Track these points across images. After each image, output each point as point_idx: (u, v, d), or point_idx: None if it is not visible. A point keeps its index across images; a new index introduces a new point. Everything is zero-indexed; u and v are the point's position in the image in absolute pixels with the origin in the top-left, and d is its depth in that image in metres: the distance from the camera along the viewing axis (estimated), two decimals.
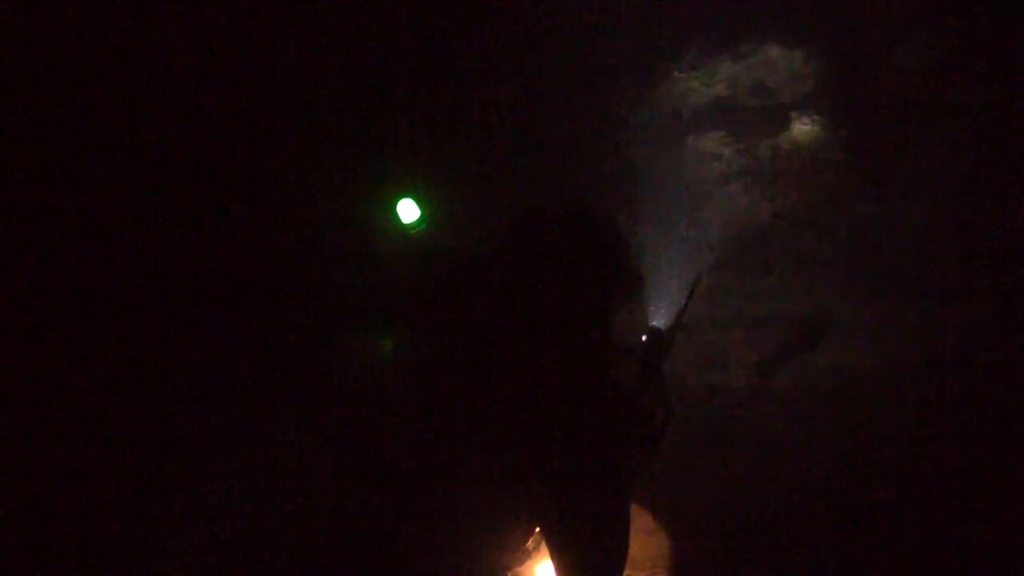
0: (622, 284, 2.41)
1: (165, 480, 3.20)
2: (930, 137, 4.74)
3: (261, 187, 3.86)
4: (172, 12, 3.53)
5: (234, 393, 3.29)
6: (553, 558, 2.19)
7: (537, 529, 2.29)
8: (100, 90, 3.40)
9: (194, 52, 3.59)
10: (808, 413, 4.38)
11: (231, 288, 3.67)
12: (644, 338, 2.28)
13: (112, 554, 3.07)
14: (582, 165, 4.91)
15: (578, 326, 2.24)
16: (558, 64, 4.93)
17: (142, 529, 3.09)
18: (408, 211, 3.90)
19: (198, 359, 3.48)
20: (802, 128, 5.19)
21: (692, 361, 4.70)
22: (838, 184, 5.00)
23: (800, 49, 5.18)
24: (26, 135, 3.23)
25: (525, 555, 2.41)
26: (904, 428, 4.04)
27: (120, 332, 3.41)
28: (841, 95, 5.08)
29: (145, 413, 3.35)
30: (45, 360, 3.22)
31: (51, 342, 3.25)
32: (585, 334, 2.23)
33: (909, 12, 4.80)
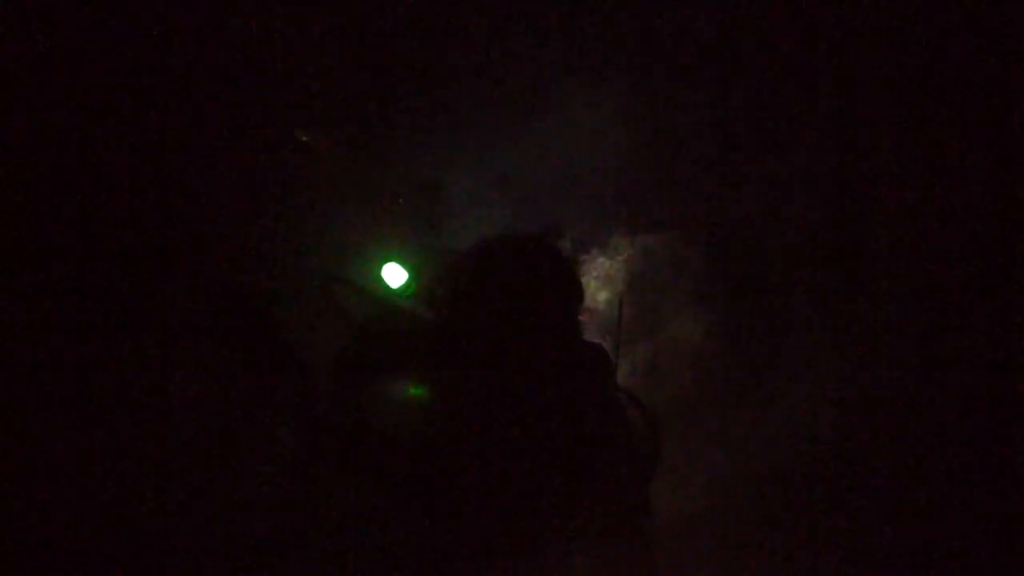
0: (577, 292, 2.54)
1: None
2: (821, 317, 4.04)
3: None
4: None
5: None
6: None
7: None
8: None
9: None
10: None
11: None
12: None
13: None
14: None
15: (562, 339, 2.41)
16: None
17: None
18: (394, 276, 3.68)
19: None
20: (683, 326, 4.50)
21: None
22: (726, 378, 4.20)
23: (678, 235, 4.68)
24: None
25: None
26: None
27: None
28: (724, 282, 4.47)
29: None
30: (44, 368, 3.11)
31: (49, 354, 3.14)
32: (568, 344, 2.43)
33: (788, 183, 4.36)
